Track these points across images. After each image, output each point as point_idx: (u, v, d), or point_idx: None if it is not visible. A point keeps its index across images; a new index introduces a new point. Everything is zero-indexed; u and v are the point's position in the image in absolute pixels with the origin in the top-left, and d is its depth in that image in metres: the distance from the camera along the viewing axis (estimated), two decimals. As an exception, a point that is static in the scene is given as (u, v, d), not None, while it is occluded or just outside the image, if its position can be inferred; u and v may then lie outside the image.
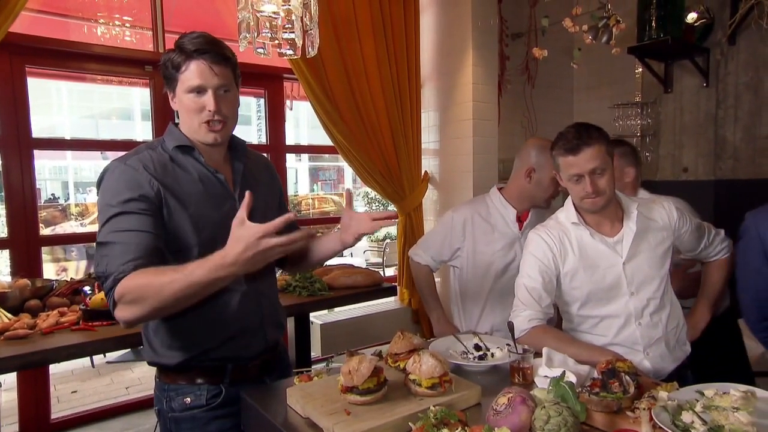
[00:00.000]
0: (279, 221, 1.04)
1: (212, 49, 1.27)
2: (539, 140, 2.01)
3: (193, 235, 1.27)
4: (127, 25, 3.28)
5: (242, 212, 1.06)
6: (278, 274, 2.01)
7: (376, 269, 4.31)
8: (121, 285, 1.11)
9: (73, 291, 2.19)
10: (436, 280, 3.39)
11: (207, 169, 1.33)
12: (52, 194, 9.89)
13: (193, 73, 1.25)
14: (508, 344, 1.53)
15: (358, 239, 1.44)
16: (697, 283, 1.90)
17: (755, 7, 3.17)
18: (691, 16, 3.40)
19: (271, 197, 1.52)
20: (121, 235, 1.16)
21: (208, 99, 1.27)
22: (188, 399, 1.32)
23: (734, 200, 3.44)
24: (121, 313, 1.13)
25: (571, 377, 1.21)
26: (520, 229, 2.02)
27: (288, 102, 3.92)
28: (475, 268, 2.04)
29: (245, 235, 1.04)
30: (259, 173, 1.49)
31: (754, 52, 3.33)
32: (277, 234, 1.52)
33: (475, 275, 2.05)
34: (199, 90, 1.27)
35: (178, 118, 1.37)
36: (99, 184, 1.25)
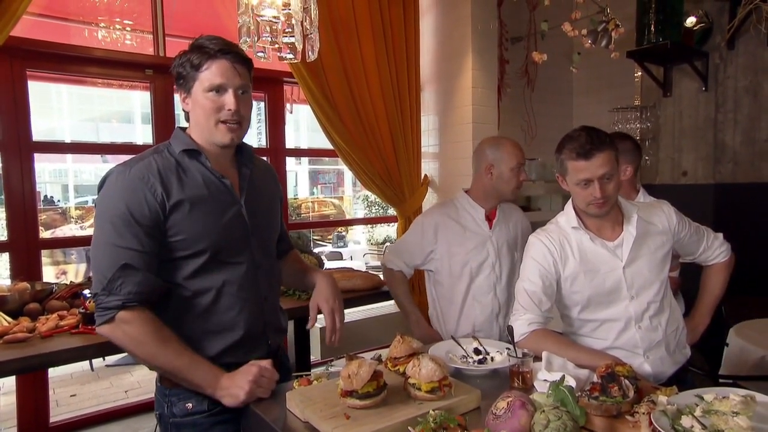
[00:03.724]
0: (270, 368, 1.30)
1: (234, 49, 1.30)
2: (490, 138, 2.19)
3: (198, 241, 1.27)
4: (128, 28, 3.29)
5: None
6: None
7: (376, 273, 4.30)
8: (127, 315, 1.20)
9: (72, 294, 2.19)
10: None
11: (213, 174, 1.33)
12: (51, 197, 9.88)
13: (214, 72, 1.26)
14: (507, 348, 1.53)
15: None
16: (676, 285, 1.92)
17: (754, 11, 3.18)
18: (690, 21, 3.42)
19: (274, 205, 1.53)
20: (125, 254, 1.19)
21: (229, 98, 1.28)
22: (190, 404, 1.31)
23: (734, 204, 3.44)
24: (108, 331, 1.22)
25: (571, 381, 1.21)
26: (490, 228, 2.06)
27: (288, 105, 3.93)
28: (451, 269, 2.06)
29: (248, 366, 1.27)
30: (263, 179, 1.50)
31: (753, 56, 3.35)
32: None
33: (451, 276, 2.07)
34: (220, 89, 1.27)
35: (187, 120, 1.37)
36: (101, 186, 1.26)
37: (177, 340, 1.23)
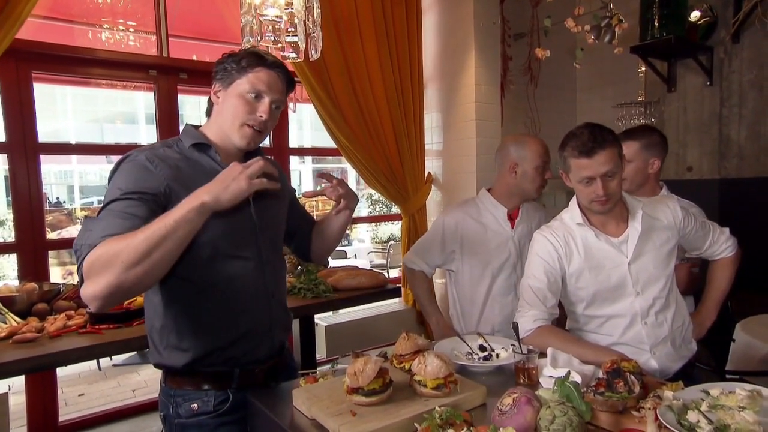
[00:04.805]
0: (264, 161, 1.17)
1: (286, 68, 1.37)
2: (514, 136, 2.13)
3: (204, 232, 1.24)
4: (131, 30, 3.31)
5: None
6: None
7: (380, 271, 4.31)
8: (92, 253, 1.04)
9: (79, 294, 2.20)
10: (439, 281, 3.42)
11: (221, 167, 1.32)
12: (57, 198, 9.95)
13: (262, 78, 1.31)
14: (512, 344, 1.54)
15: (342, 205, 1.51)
16: (698, 281, 1.90)
17: (759, 4, 3.16)
18: (694, 15, 3.40)
19: (282, 201, 1.53)
20: (112, 213, 1.13)
21: (264, 106, 1.32)
22: (195, 405, 1.31)
23: (739, 199, 3.43)
24: (89, 288, 1.04)
25: (576, 377, 1.21)
26: (512, 228, 2.04)
27: (291, 104, 3.93)
28: (472, 270, 2.05)
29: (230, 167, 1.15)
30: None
31: (758, 50, 3.32)
32: (294, 235, 1.60)
33: (472, 277, 2.05)
34: (260, 95, 1.31)
35: (207, 115, 1.40)
36: (112, 173, 1.25)
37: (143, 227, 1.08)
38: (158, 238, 1.04)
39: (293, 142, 3.76)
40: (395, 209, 3.88)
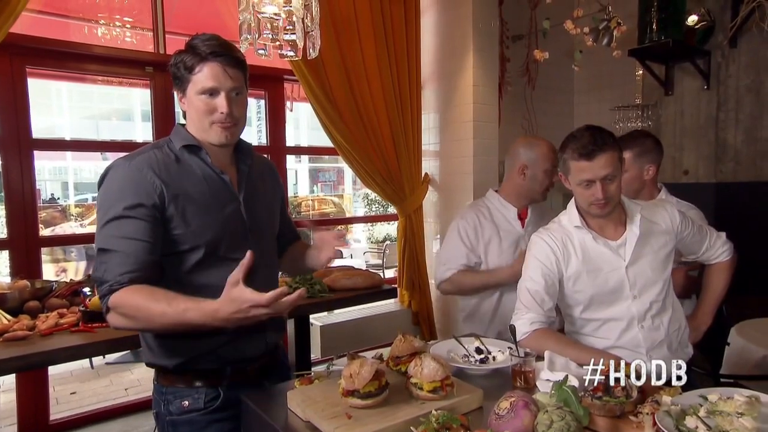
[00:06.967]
0: (270, 296, 1.06)
1: (227, 51, 1.28)
2: (525, 138, 2.17)
3: (197, 236, 1.26)
4: (128, 26, 3.28)
5: (238, 273, 1.09)
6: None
7: (376, 271, 4.29)
8: (116, 296, 1.17)
9: (72, 292, 2.19)
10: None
11: (212, 169, 1.33)
12: (51, 194, 9.88)
13: (206, 75, 1.25)
14: (509, 347, 1.53)
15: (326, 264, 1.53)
16: (695, 284, 1.90)
17: (756, 9, 3.18)
18: (692, 19, 3.41)
19: (274, 202, 1.52)
20: (120, 243, 1.19)
21: (221, 101, 1.27)
22: (186, 402, 1.31)
23: (735, 203, 3.44)
24: (113, 320, 1.20)
25: (574, 381, 1.20)
26: (522, 227, 2.07)
27: (288, 103, 3.92)
28: (487, 269, 2.06)
29: (239, 299, 1.08)
30: (263, 177, 1.49)
31: (755, 55, 3.34)
32: (278, 241, 1.54)
33: None
34: (212, 92, 1.27)
35: (184, 118, 1.37)
36: (101, 181, 1.25)
37: (166, 294, 1.16)
38: (174, 328, 1.18)
39: (290, 141, 3.75)
40: (391, 209, 3.87)
